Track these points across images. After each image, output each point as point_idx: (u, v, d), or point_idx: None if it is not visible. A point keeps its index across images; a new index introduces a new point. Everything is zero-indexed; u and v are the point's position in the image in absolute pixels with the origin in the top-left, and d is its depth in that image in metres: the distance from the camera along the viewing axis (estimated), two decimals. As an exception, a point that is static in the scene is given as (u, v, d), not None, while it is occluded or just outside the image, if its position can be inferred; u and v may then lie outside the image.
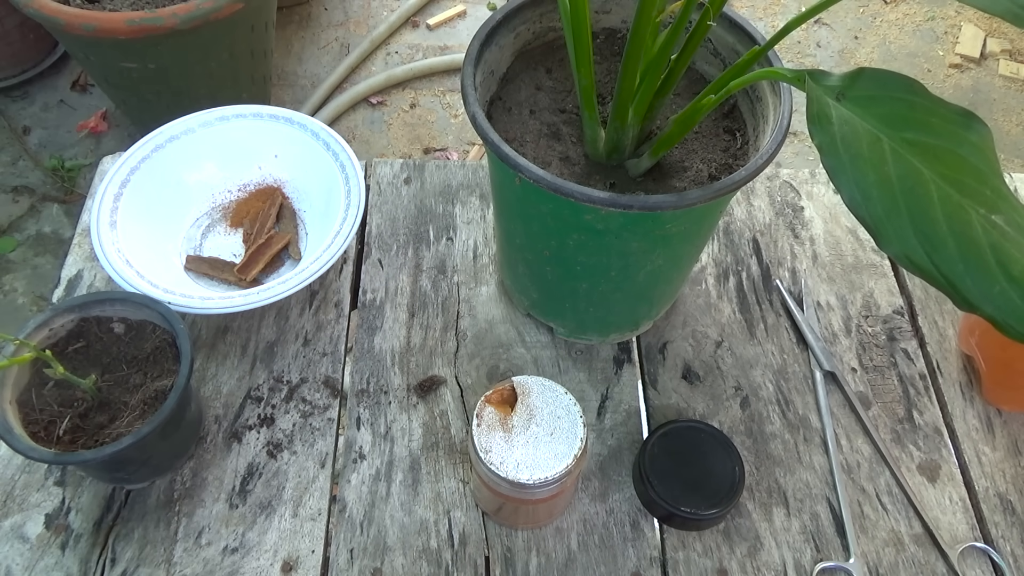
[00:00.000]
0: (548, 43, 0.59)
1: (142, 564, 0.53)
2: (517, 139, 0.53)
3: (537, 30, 0.57)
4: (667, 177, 0.52)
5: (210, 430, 0.59)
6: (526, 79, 0.57)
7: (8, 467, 0.57)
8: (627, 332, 0.63)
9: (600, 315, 0.61)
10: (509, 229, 0.58)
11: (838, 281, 0.69)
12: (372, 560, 0.54)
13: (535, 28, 0.57)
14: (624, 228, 0.48)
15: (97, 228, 0.61)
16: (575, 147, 0.53)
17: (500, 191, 0.55)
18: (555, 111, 0.56)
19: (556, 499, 0.51)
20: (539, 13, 0.56)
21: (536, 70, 0.57)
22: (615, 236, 0.49)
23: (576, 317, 0.61)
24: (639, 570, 0.54)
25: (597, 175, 0.51)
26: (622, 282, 0.55)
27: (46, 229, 1.63)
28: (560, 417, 0.49)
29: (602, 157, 0.52)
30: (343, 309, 0.66)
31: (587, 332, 0.63)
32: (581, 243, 0.51)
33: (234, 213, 0.69)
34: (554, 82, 0.57)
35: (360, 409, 0.61)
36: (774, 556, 0.55)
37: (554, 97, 0.56)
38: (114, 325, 0.55)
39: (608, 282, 0.55)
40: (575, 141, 0.54)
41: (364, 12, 1.99)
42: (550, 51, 0.59)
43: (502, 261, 0.65)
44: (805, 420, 0.61)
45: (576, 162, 0.52)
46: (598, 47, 0.58)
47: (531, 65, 0.58)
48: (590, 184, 0.50)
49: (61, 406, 0.51)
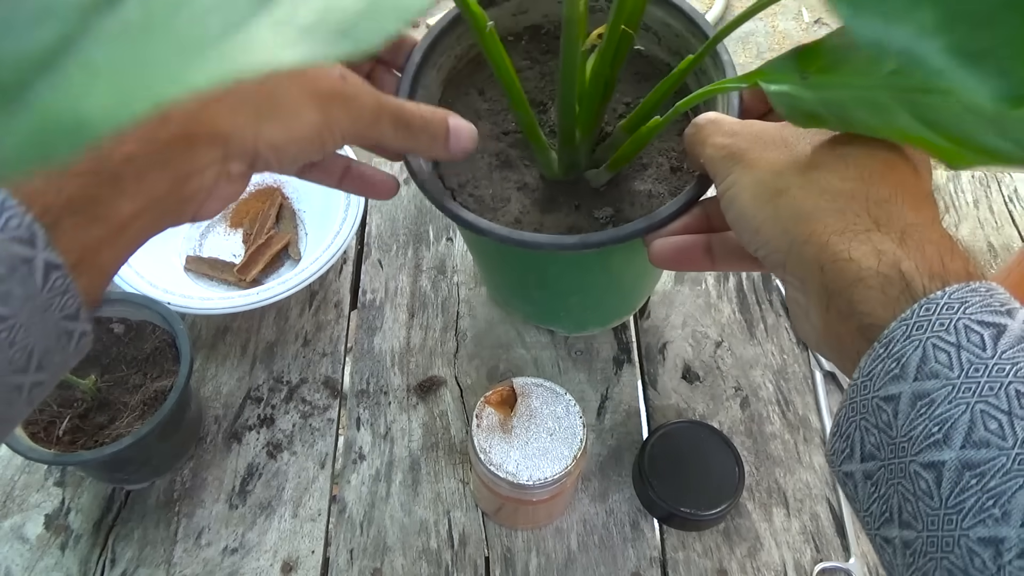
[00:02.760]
0: (472, 60, 0.54)
1: (142, 564, 0.53)
2: (471, 182, 0.50)
3: (459, 52, 0.53)
4: (629, 180, 0.50)
5: (210, 430, 0.59)
6: (461, 109, 0.52)
7: (8, 467, 0.57)
8: (626, 316, 0.64)
9: (597, 314, 0.61)
10: (487, 265, 0.57)
11: (838, 281, 0.69)
12: (372, 560, 0.54)
13: (456, 51, 0.53)
14: (600, 253, 0.46)
15: (97, 228, 0.61)
16: (529, 171, 0.51)
17: (470, 240, 0.54)
18: (499, 136, 0.52)
19: (556, 500, 0.51)
20: (456, 36, 0.52)
21: (468, 95, 0.53)
22: (596, 258, 0.49)
23: (572, 319, 0.62)
24: (639, 570, 0.54)
25: (560, 196, 0.49)
26: (612, 286, 0.55)
27: (46, 229, 1.63)
28: (560, 418, 0.49)
29: (559, 176, 0.50)
30: (343, 309, 0.66)
31: (587, 327, 0.63)
32: (563, 271, 0.51)
33: (234, 213, 0.69)
34: (490, 103, 0.53)
35: (360, 409, 0.61)
36: (774, 556, 0.55)
37: (494, 120, 0.52)
38: (114, 325, 0.55)
39: (599, 290, 0.55)
40: (528, 164, 0.51)
41: (364, 12, 1.99)
42: (476, 69, 0.54)
43: (487, 283, 0.65)
44: (805, 420, 0.61)
45: (535, 187, 0.50)
46: (525, 48, 0.55)
47: (462, 91, 0.54)
48: (556, 209, 0.49)
49: (61, 406, 0.51)
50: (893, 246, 0.31)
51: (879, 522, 0.29)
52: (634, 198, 0.49)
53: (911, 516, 0.27)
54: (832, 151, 0.34)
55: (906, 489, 0.27)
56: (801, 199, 0.33)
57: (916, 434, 0.27)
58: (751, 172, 0.36)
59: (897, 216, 0.32)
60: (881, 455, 0.29)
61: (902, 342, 0.28)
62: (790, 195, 0.34)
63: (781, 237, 0.34)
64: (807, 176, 0.34)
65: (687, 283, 0.68)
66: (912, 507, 0.27)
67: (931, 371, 0.27)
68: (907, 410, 0.28)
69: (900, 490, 0.28)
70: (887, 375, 0.28)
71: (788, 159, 0.35)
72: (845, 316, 0.31)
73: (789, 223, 0.34)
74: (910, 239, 0.31)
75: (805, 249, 0.33)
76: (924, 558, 0.27)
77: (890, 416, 0.28)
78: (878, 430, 0.29)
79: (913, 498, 0.27)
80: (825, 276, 0.32)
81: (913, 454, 0.27)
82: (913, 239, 0.31)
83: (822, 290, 0.32)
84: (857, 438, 0.30)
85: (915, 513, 0.27)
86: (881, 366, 0.29)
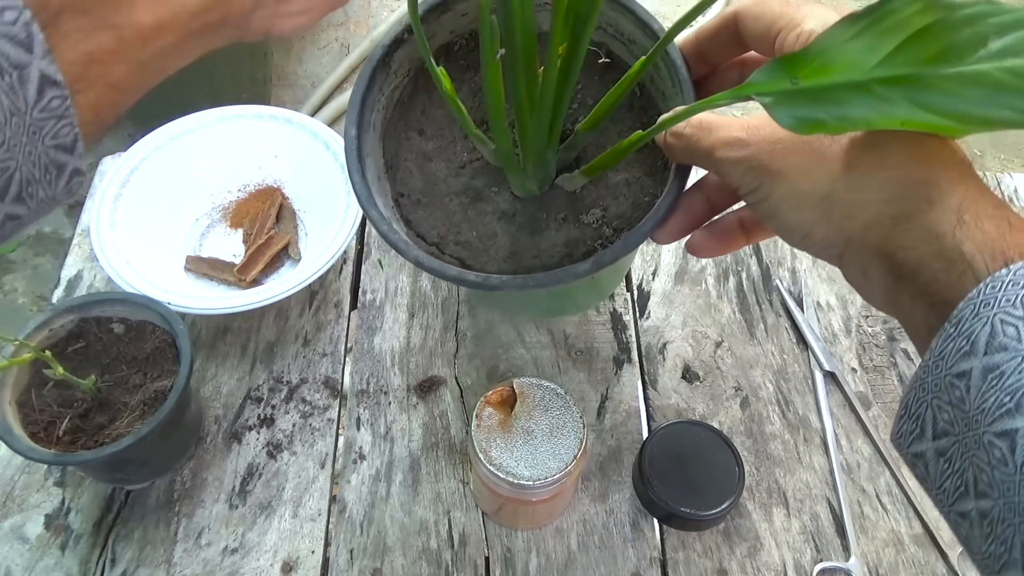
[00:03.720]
0: (397, 104, 0.50)
1: (142, 565, 0.53)
2: (452, 228, 0.47)
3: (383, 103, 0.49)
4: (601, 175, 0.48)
5: (210, 430, 0.59)
6: (408, 156, 0.49)
7: (8, 467, 0.57)
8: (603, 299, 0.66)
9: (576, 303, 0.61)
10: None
11: (838, 281, 0.69)
12: (372, 560, 0.54)
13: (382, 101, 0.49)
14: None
15: (97, 228, 0.61)
16: (500, 196, 0.48)
17: None
18: (456, 172, 0.49)
19: (556, 500, 0.51)
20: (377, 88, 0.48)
21: (409, 139, 0.50)
22: None
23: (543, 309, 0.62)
24: (639, 570, 0.54)
25: (541, 212, 0.48)
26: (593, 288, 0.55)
27: (46, 229, 1.63)
28: (560, 417, 0.49)
29: (535, 191, 0.48)
30: (343, 309, 0.66)
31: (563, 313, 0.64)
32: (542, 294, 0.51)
33: (234, 213, 0.69)
34: (434, 141, 0.50)
35: (360, 409, 0.61)
36: (774, 556, 0.55)
37: (446, 157, 0.49)
38: (114, 325, 0.55)
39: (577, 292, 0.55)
40: (496, 190, 0.48)
41: (364, 12, 1.99)
42: (407, 109, 0.50)
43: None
44: (805, 420, 0.61)
45: (513, 212, 0.48)
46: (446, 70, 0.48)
47: (401, 138, 0.50)
48: (545, 227, 0.47)
49: (61, 406, 0.51)
50: (951, 227, 0.31)
51: (954, 497, 0.30)
52: (615, 191, 0.47)
53: (987, 486, 0.28)
54: (863, 145, 0.35)
55: (980, 460, 0.28)
56: (850, 198, 0.34)
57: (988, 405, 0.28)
58: (784, 183, 0.35)
59: (949, 193, 0.32)
60: (955, 430, 0.29)
61: (971, 320, 0.29)
62: (837, 196, 0.34)
63: (835, 236, 0.34)
64: (848, 174, 0.34)
65: (687, 283, 0.68)
66: (987, 476, 0.28)
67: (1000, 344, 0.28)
68: (979, 384, 0.28)
69: (975, 462, 0.28)
70: (958, 353, 0.29)
71: (820, 162, 0.35)
72: (913, 297, 0.33)
73: (842, 223, 0.34)
74: (967, 215, 0.31)
75: (863, 244, 0.34)
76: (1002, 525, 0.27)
77: (963, 391, 0.29)
78: (951, 407, 0.30)
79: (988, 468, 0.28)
80: (888, 264, 0.33)
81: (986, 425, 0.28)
82: (970, 215, 0.31)
83: (887, 275, 0.33)
84: (929, 417, 0.31)
85: (990, 482, 0.28)
86: (952, 345, 0.30)
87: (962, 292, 0.30)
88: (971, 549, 0.30)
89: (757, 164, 0.36)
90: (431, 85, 0.51)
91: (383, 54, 0.47)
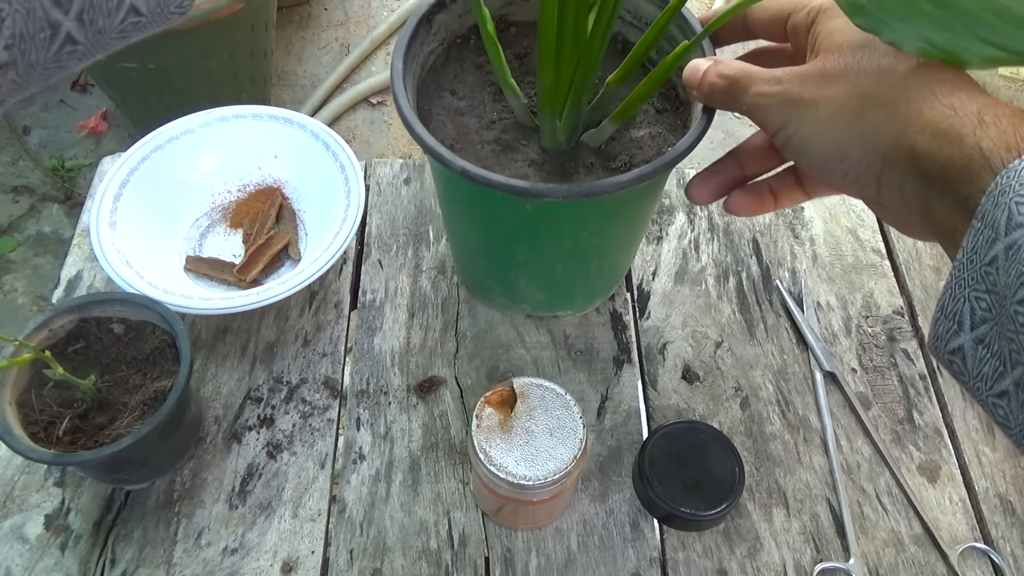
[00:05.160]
0: (431, 68, 0.55)
1: (142, 565, 0.53)
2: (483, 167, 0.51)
3: (423, 60, 0.54)
4: (623, 133, 0.52)
5: (210, 431, 0.59)
6: (441, 112, 0.54)
7: (8, 468, 0.57)
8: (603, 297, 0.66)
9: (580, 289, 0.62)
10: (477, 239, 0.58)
11: (838, 281, 0.69)
12: (372, 561, 0.54)
13: (422, 57, 0.54)
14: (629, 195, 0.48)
15: (97, 228, 0.61)
16: (530, 148, 0.52)
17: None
18: (488, 126, 0.53)
19: (556, 500, 0.51)
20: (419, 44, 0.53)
21: (442, 98, 0.54)
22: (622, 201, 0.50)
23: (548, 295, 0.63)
24: (639, 571, 0.54)
25: (569, 163, 0.51)
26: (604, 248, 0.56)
27: (46, 229, 1.63)
28: (560, 418, 0.49)
29: (563, 145, 0.51)
30: (343, 310, 0.66)
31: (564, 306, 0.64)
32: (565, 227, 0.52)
33: (234, 213, 0.69)
34: (466, 100, 0.54)
35: (360, 410, 0.61)
36: (774, 557, 0.55)
37: (477, 115, 0.54)
38: (114, 326, 0.55)
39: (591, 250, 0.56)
40: (525, 143, 0.52)
41: (364, 12, 1.99)
42: (439, 75, 0.55)
43: (463, 263, 0.65)
44: (805, 420, 0.61)
45: (542, 162, 0.51)
46: (476, 46, 0.56)
47: (434, 96, 0.54)
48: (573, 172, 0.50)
49: (61, 407, 0.51)
50: (972, 128, 0.33)
51: (992, 380, 0.31)
52: (639, 143, 0.50)
53: (1018, 353, 0.30)
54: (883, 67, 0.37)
55: (1011, 331, 0.30)
56: (881, 113, 0.36)
57: (1011, 280, 0.30)
58: (816, 109, 0.38)
59: (969, 100, 0.34)
60: (992, 315, 0.31)
61: (992, 210, 0.31)
62: (869, 113, 0.37)
63: (873, 152, 0.37)
64: (876, 94, 0.37)
65: (687, 283, 0.68)
66: (1017, 344, 0.30)
67: (1016, 223, 0.30)
68: (1004, 263, 0.30)
69: (1007, 335, 0.30)
70: (987, 243, 0.31)
71: (848, 85, 0.38)
72: (939, 195, 0.35)
73: (878, 137, 0.36)
74: (987, 117, 0.33)
75: (896, 155, 0.36)
76: None
77: (995, 276, 0.31)
78: (988, 294, 0.31)
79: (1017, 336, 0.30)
80: (918, 172, 0.35)
81: (1012, 298, 0.30)
82: (989, 115, 0.33)
83: (920, 186, 0.35)
84: (967, 311, 0.32)
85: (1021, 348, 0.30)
86: (981, 238, 0.31)
87: (983, 188, 0.32)
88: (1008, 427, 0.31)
89: (790, 96, 0.39)
90: (463, 55, 0.56)
91: (427, 11, 0.52)
